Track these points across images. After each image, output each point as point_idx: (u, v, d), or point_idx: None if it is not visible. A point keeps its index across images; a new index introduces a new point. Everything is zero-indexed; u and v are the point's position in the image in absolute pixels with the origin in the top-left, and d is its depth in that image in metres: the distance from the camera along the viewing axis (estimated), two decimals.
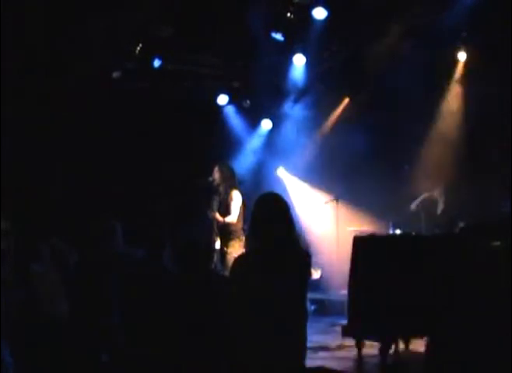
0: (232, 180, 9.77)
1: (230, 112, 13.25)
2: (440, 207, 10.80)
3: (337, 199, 11.88)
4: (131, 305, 5.90)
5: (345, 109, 12.77)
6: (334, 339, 8.70)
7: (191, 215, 11.02)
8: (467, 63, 10.97)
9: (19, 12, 9.90)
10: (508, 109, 9.98)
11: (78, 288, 6.63)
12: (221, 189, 9.72)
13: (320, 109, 12.81)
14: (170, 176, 12.12)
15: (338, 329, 8.51)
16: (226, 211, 9.58)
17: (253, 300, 4.59)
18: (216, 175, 9.74)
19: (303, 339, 4.73)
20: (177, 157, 12.29)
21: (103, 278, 6.54)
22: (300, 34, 11.23)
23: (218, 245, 9.54)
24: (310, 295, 9.57)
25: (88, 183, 11.26)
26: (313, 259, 12.06)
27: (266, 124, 13.33)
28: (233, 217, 9.49)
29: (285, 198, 4.94)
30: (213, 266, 8.91)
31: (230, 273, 4.88)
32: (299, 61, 11.98)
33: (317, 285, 11.94)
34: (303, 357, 4.72)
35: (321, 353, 8.00)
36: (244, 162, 12.82)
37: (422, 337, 7.72)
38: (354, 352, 7.78)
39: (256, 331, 4.56)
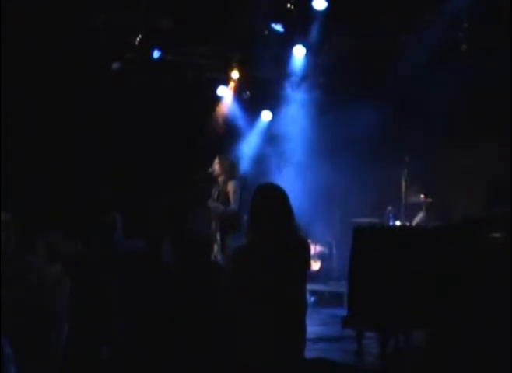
0: (231, 172, 9.80)
1: (230, 103, 13.23)
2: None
3: (337, 190, 11.90)
4: (131, 299, 5.90)
5: (345, 101, 12.75)
6: (333, 330, 8.68)
7: (190, 207, 11.02)
8: (468, 54, 10.95)
9: (18, 4, 9.89)
10: (508, 99, 9.97)
11: (78, 281, 6.62)
12: (220, 180, 9.77)
13: (320, 101, 12.78)
14: (169, 167, 12.10)
15: (338, 320, 8.49)
16: (224, 202, 9.61)
17: (252, 291, 4.58)
18: (216, 166, 9.79)
19: (303, 330, 4.72)
20: (177, 148, 12.28)
21: (103, 272, 6.53)
22: (300, 25, 11.20)
23: (218, 236, 9.56)
24: (309, 286, 9.59)
25: (87, 175, 11.24)
26: (313, 251, 12.18)
27: (266, 115, 13.32)
28: (234, 207, 9.52)
29: (285, 188, 4.93)
30: (213, 257, 8.93)
31: (229, 265, 4.87)
32: (299, 52, 11.96)
33: (317, 276, 11.95)
34: (302, 349, 4.72)
35: (321, 345, 7.99)
36: (244, 153, 12.82)
37: (422, 329, 7.73)
38: (354, 343, 7.76)
39: (255, 322, 4.56)
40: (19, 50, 10.38)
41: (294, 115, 12.78)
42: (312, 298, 11.42)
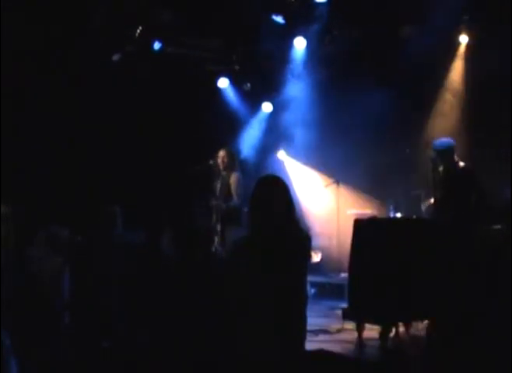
0: (234, 165, 9.80)
1: (231, 95, 13.21)
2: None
3: (337, 182, 11.91)
4: (131, 290, 5.90)
5: (345, 93, 12.75)
6: (334, 322, 8.70)
7: (190, 200, 11.02)
8: (468, 46, 10.95)
9: None
10: (508, 92, 9.96)
11: (78, 274, 6.63)
12: (223, 173, 9.77)
13: (321, 92, 12.76)
14: (169, 159, 12.09)
15: (339, 312, 8.52)
16: (225, 194, 9.62)
17: (252, 283, 4.58)
18: (219, 159, 9.78)
19: (303, 322, 4.73)
20: (177, 140, 12.27)
21: (103, 263, 6.54)
22: (301, 17, 11.18)
23: (219, 228, 9.56)
24: (310, 278, 9.62)
25: (88, 168, 11.24)
26: (314, 242, 12.14)
27: (267, 107, 13.31)
28: (236, 201, 9.52)
29: (286, 181, 4.92)
30: (214, 249, 8.94)
31: (229, 257, 4.87)
32: (299, 44, 11.94)
33: (317, 268, 11.95)
34: (302, 341, 4.72)
35: (321, 337, 8.00)
36: (245, 145, 12.82)
37: (422, 321, 7.75)
38: (354, 335, 7.78)
39: (256, 315, 4.56)
40: (19, 43, 10.36)
41: (294, 106, 12.77)
42: (312, 290, 11.44)
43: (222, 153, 9.84)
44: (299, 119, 12.73)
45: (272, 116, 13.32)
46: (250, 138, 13.17)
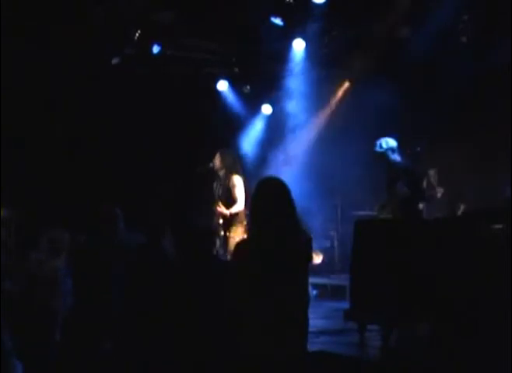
0: (233, 166, 9.76)
1: (230, 97, 13.22)
2: (440, 191, 10.82)
3: (338, 183, 11.92)
4: (132, 292, 5.90)
5: (345, 93, 12.76)
6: (336, 323, 8.68)
7: (192, 201, 11.02)
8: (467, 46, 10.96)
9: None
10: (508, 92, 9.97)
11: (80, 276, 6.63)
12: (221, 174, 9.72)
13: (321, 93, 12.78)
14: (170, 161, 12.10)
15: (340, 313, 8.49)
16: (227, 197, 9.57)
17: (254, 285, 4.58)
18: (217, 161, 9.74)
19: (305, 323, 4.72)
20: (177, 142, 12.28)
21: (105, 265, 6.54)
22: (300, 19, 11.19)
23: (221, 230, 9.55)
24: (311, 280, 9.57)
25: (88, 170, 11.25)
26: (315, 244, 12.15)
27: (266, 109, 13.32)
28: (240, 206, 9.47)
29: (286, 182, 4.92)
30: (215, 251, 8.93)
31: (231, 259, 4.87)
32: (298, 45, 11.96)
33: (319, 269, 11.95)
34: (305, 342, 4.72)
35: (323, 338, 7.97)
36: (245, 147, 12.82)
37: (424, 322, 7.73)
38: (356, 336, 7.76)
39: (257, 316, 4.56)
40: (19, 46, 10.37)
41: (294, 108, 12.78)
42: (314, 291, 11.42)
43: (218, 154, 9.79)
44: (299, 119, 12.75)
45: (272, 117, 13.34)
46: (250, 140, 13.18)
